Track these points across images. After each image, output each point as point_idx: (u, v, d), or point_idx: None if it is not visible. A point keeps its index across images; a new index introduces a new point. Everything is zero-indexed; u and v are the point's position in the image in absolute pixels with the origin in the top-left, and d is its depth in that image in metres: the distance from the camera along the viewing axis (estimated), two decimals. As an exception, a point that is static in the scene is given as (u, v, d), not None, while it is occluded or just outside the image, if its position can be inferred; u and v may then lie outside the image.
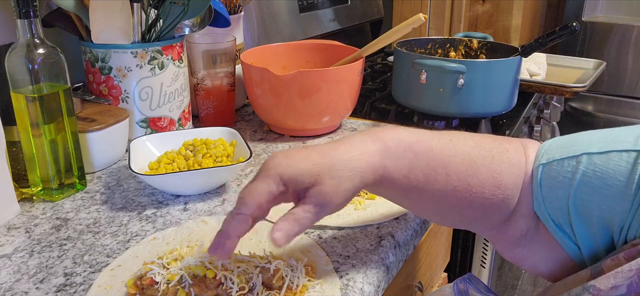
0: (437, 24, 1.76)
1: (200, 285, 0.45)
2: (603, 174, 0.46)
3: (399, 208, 0.63)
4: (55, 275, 0.52)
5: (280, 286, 0.46)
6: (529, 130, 1.25)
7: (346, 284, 0.51)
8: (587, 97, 2.33)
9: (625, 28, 2.23)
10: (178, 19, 0.79)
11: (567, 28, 0.89)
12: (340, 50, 0.98)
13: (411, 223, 0.63)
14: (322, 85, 0.83)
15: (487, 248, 1.06)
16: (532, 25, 2.23)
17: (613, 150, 0.46)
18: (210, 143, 0.73)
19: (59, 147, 0.66)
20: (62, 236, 0.59)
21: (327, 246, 0.57)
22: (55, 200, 0.67)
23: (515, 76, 0.98)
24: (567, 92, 1.16)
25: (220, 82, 0.91)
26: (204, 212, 0.64)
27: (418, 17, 0.81)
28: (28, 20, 0.61)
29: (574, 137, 0.52)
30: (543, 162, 0.50)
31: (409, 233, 0.62)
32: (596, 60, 1.38)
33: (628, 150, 0.45)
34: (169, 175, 0.65)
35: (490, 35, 1.18)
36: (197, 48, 0.88)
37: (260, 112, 0.91)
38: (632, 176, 0.44)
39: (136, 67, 0.78)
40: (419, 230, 0.65)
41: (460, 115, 0.98)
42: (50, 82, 0.64)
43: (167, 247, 0.55)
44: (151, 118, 0.82)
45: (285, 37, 1.26)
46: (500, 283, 1.24)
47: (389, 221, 0.62)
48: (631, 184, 0.44)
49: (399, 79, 1.03)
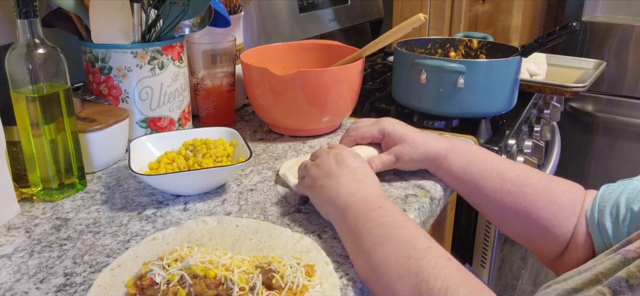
0: (437, 24, 1.76)
1: (200, 285, 0.45)
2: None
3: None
4: (55, 275, 0.52)
5: (280, 286, 0.46)
6: (529, 130, 1.25)
7: (346, 284, 0.51)
8: (587, 97, 2.33)
9: (625, 28, 2.23)
10: (178, 19, 0.79)
11: (567, 28, 0.89)
12: (340, 50, 0.98)
13: (411, 223, 0.63)
14: (322, 85, 0.83)
15: (487, 248, 1.06)
16: (532, 25, 2.23)
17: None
18: (210, 143, 0.73)
19: (59, 147, 0.66)
20: (62, 236, 0.59)
21: (327, 247, 0.57)
22: (55, 200, 0.67)
23: (515, 76, 0.98)
24: (567, 92, 1.16)
25: (220, 82, 0.91)
26: (204, 212, 0.64)
27: (418, 17, 0.81)
28: (28, 20, 0.61)
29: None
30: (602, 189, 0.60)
31: (409, 233, 0.62)
32: (596, 60, 1.38)
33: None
34: (169, 175, 0.65)
35: (490, 35, 1.18)
36: (197, 48, 0.88)
37: (260, 112, 0.91)
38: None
39: (136, 67, 0.78)
40: (419, 230, 0.65)
41: (460, 115, 0.98)
42: (50, 82, 0.64)
43: (167, 247, 0.55)
44: (151, 118, 0.82)
45: (285, 37, 1.26)
46: (500, 283, 1.24)
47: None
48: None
49: (399, 79, 1.03)
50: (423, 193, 0.69)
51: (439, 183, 0.72)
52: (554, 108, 1.39)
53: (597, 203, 0.59)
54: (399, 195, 0.69)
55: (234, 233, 0.58)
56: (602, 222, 0.57)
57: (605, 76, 2.27)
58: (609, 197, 0.58)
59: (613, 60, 2.26)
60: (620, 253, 0.46)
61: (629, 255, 0.45)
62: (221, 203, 0.67)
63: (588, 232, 0.59)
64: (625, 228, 0.54)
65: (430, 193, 0.70)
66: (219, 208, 0.66)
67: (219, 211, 0.65)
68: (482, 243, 1.06)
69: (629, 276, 0.42)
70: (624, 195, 0.56)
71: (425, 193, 0.69)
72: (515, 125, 1.06)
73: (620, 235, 0.55)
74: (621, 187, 0.58)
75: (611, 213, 0.56)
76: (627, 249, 0.46)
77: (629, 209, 0.54)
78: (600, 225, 0.57)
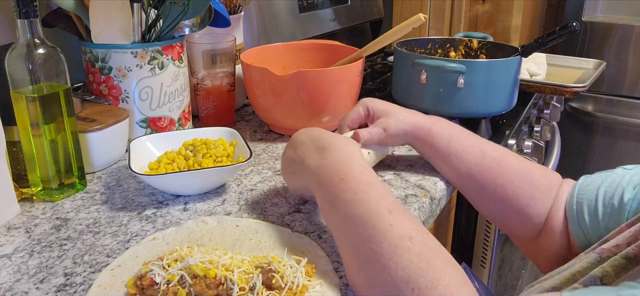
0: (437, 24, 1.76)
1: (200, 285, 0.45)
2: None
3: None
4: (55, 275, 0.52)
5: (280, 286, 0.46)
6: (529, 130, 1.25)
7: (346, 284, 0.51)
8: (587, 97, 2.33)
9: (625, 28, 2.23)
10: (178, 19, 0.79)
11: (567, 28, 0.89)
12: (340, 50, 0.98)
13: (411, 223, 0.63)
14: (322, 85, 0.83)
15: (487, 248, 1.06)
16: (532, 25, 2.23)
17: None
18: (210, 143, 0.73)
19: (59, 147, 0.66)
20: (62, 236, 0.59)
21: (327, 246, 0.57)
22: (55, 200, 0.67)
23: (515, 76, 0.98)
24: (567, 92, 1.16)
25: (220, 82, 0.91)
26: (204, 212, 0.64)
27: (418, 17, 0.81)
28: (28, 20, 0.61)
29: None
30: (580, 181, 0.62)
31: (409, 233, 0.62)
32: (596, 60, 1.38)
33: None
34: (169, 175, 0.65)
35: (490, 35, 1.18)
36: (197, 48, 0.88)
37: (260, 112, 0.91)
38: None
39: (136, 67, 0.78)
40: (419, 230, 0.65)
41: (460, 115, 0.97)
42: (50, 82, 0.64)
43: (167, 247, 0.55)
44: (151, 118, 0.82)
45: (285, 37, 1.26)
46: (500, 283, 1.24)
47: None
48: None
49: (399, 79, 1.03)
50: (423, 193, 0.69)
51: (439, 183, 0.72)
52: (554, 108, 1.39)
53: (575, 194, 0.60)
54: (399, 195, 0.69)
55: (234, 233, 0.58)
56: (581, 213, 0.58)
57: (605, 76, 2.27)
58: (587, 189, 0.59)
59: (613, 60, 2.26)
60: (596, 252, 0.48)
61: (604, 253, 0.47)
62: (221, 203, 0.67)
63: (565, 221, 0.61)
64: (604, 222, 0.56)
65: (430, 193, 0.70)
66: (219, 208, 0.66)
67: (219, 211, 0.65)
68: (482, 243, 1.06)
69: (604, 276, 0.43)
70: (602, 188, 0.58)
71: (425, 193, 0.69)
72: (515, 125, 1.06)
73: (598, 227, 0.57)
74: (600, 179, 0.59)
75: (589, 206, 0.58)
76: (602, 248, 0.48)
77: (610, 204, 0.56)
78: (579, 216, 0.59)
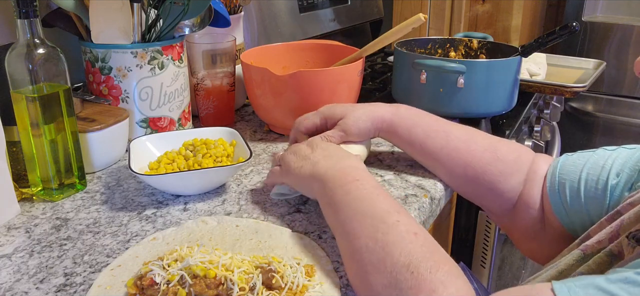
0: (437, 24, 1.76)
1: (200, 285, 0.45)
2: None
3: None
4: (55, 275, 0.52)
5: (280, 286, 0.46)
6: (529, 130, 1.25)
7: (346, 284, 0.51)
8: (587, 97, 2.33)
9: (625, 28, 2.23)
10: (178, 19, 0.79)
11: (567, 28, 0.89)
12: (340, 50, 0.98)
13: (411, 223, 0.63)
14: (322, 85, 0.83)
15: (487, 248, 1.06)
16: (532, 25, 2.23)
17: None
18: (210, 143, 0.73)
19: (59, 147, 0.66)
20: (62, 236, 0.59)
21: (327, 246, 0.57)
22: (55, 200, 0.67)
23: (515, 76, 0.98)
24: (567, 92, 1.16)
25: (220, 82, 0.91)
26: (204, 212, 0.64)
27: (418, 17, 0.81)
28: (28, 21, 0.61)
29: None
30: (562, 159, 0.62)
31: (409, 233, 0.62)
32: (596, 60, 1.38)
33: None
34: (169, 175, 0.65)
35: (490, 35, 1.18)
36: (197, 48, 0.88)
37: (260, 112, 0.91)
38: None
39: (136, 67, 0.78)
40: (419, 230, 0.65)
41: (460, 115, 0.97)
42: (50, 82, 0.64)
43: (167, 247, 0.55)
44: (151, 118, 0.82)
45: (285, 37, 1.26)
46: (500, 283, 1.24)
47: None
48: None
49: (399, 79, 1.03)
50: (423, 193, 0.69)
51: (439, 184, 0.72)
52: (554, 108, 1.39)
53: (557, 173, 0.60)
54: (399, 195, 0.69)
55: (234, 233, 0.58)
56: (563, 193, 0.59)
57: (605, 76, 2.27)
58: (569, 169, 0.60)
59: (613, 60, 2.26)
60: (580, 249, 0.49)
61: (588, 250, 0.48)
62: (221, 203, 0.67)
63: (541, 197, 0.62)
64: (587, 204, 0.57)
65: (430, 193, 0.70)
66: (219, 208, 0.66)
67: (219, 211, 0.65)
68: (482, 243, 1.06)
69: (589, 273, 0.43)
70: (585, 169, 0.58)
71: (425, 193, 0.69)
72: (515, 125, 1.06)
73: (580, 208, 0.58)
74: (583, 160, 0.60)
75: (572, 187, 0.59)
76: (586, 244, 0.49)
77: (593, 188, 0.57)
78: (561, 195, 0.59)
